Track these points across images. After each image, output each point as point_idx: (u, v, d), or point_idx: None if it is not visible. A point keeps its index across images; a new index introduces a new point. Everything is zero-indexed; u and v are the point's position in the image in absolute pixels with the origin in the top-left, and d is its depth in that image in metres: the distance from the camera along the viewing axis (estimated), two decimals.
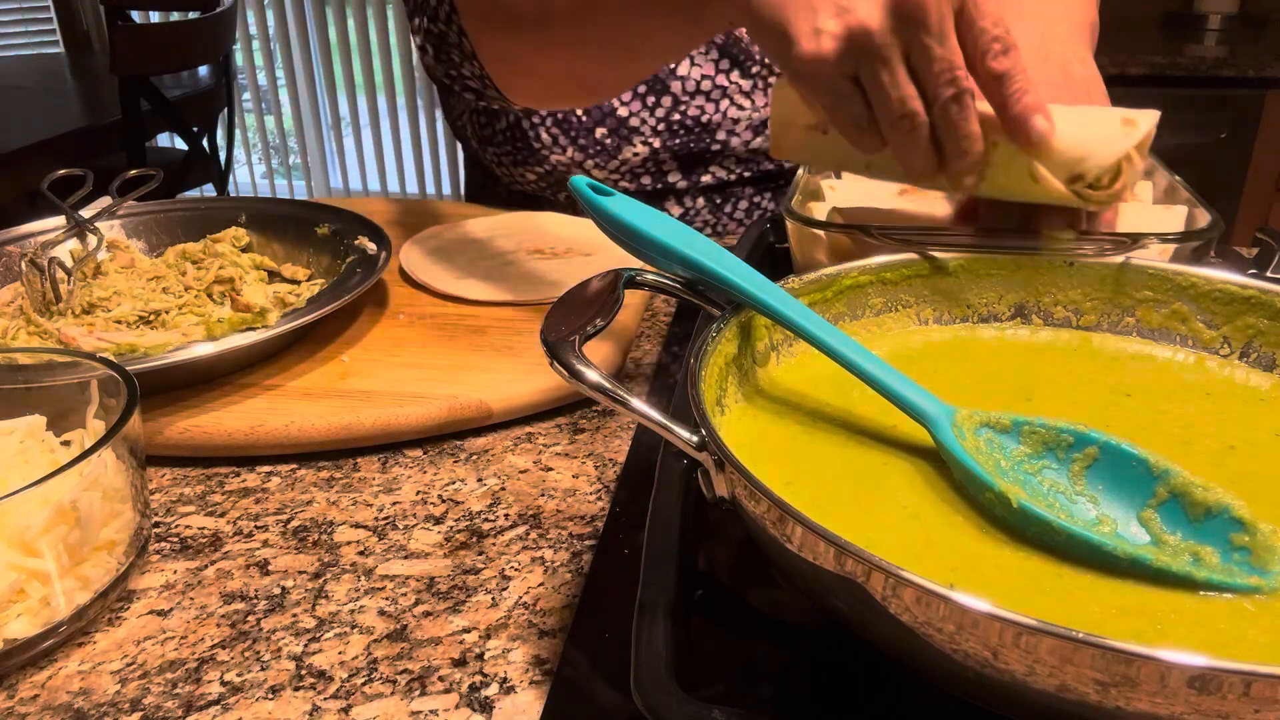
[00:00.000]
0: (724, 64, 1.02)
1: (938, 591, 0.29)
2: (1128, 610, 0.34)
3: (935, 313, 0.55)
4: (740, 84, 1.03)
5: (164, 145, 3.20)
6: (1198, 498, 0.37)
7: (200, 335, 0.69)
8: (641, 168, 1.05)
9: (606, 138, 1.02)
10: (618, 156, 1.03)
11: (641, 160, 1.04)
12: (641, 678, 0.37)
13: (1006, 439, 0.42)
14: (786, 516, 0.33)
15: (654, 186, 1.06)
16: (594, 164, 1.03)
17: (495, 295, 0.81)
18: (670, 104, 1.02)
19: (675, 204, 1.09)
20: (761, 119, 1.05)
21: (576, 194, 0.48)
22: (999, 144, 0.52)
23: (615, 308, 0.45)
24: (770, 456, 0.43)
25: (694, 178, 1.07)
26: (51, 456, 0.53)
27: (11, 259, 0.80)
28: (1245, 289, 0.50)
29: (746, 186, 1.10)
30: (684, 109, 1.02)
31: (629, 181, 1.06)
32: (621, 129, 1.02)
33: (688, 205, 1.09)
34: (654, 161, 1.04)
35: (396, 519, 0.58)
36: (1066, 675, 0.29)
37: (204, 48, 2.42)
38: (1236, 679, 0.27)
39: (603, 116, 1.02)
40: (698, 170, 1.06)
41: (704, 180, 1.07)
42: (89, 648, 0.48)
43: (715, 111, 1.03)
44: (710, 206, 1.09)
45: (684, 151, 1.04)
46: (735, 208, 1.10)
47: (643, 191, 1.07)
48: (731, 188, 1.09)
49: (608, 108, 1.02)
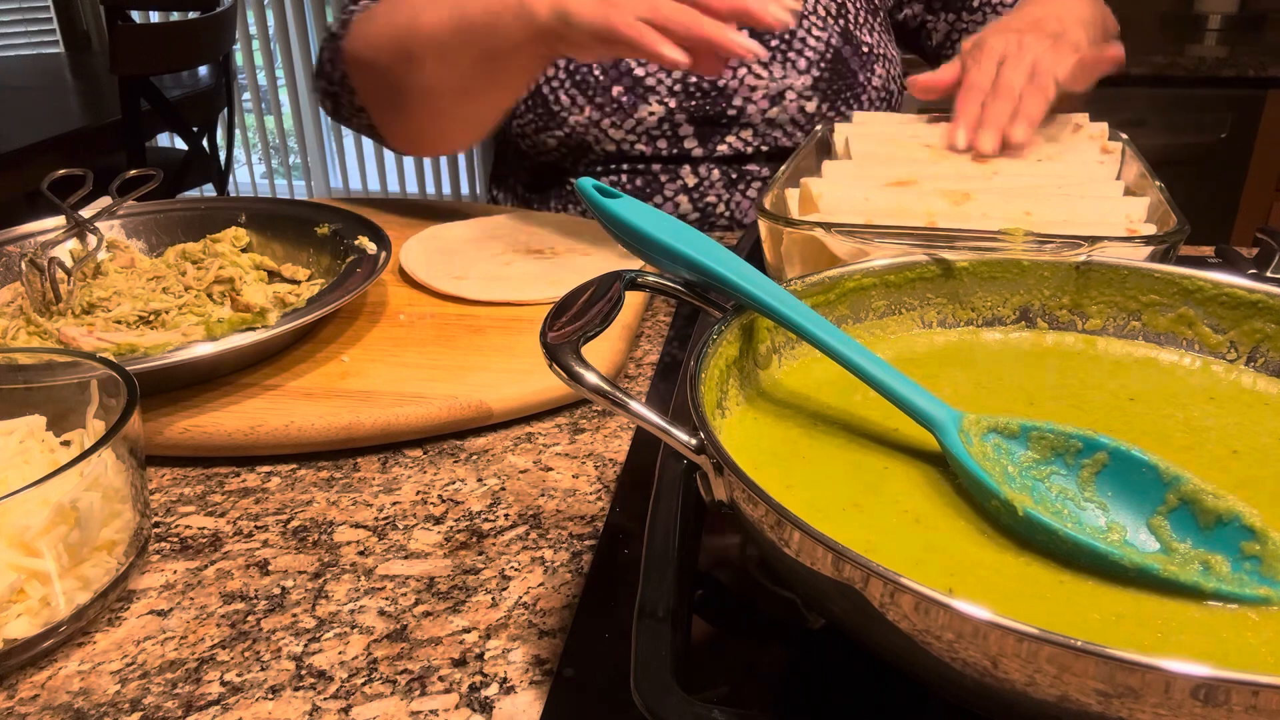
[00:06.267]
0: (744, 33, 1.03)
1: (936, 598, 0.29)
2: (1127, 618, 0.34)
3: (939, 316, 0.54)
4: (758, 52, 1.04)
5: (164, 145, 3.20)
6: (1208, 505, 0.37)
7: (200, 335, 0.69)
8: (657, 129, 1.07)
9: (623, 95, 1.05)
10: (633, 115, 1.06)
11: (657, 121, 1.06)
12: (641, 678, 0.37)
13: (1014, 444, 0.41)
14: (784, 521, 0.33)
15: (670, 151, 1.09)
16: (611, 123, 1.06)
17: (495, 295, 0.81)
18: None
19: (691, 172, 1.10)
20: (779, 89, 1.07)
21: (582, 195, 0.48)
22: None
23: (615, 309, 0.45)
24: (771, 459, 0.43)
25: (710, 145, 1.09)
26: (51, 456, 0.53)
27: (11, 259, 0.80)
28: (1253, 293, 0.50)
29: (764, 165, 1.12)
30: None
31: (645, 144, 1.08)
32: (638, 87, 1.05)
33: (702, 175, 1.11)
34: (670, 123, 1.07)
35: (396, 519, 0.58)
36: (1068, 685, 0.28)
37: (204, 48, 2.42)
38: (1244, 690, 0.26)
39: (619, 75, 1.05)
40: (714, 138, 1.08)
41: (720, 149, 1.09)
42: (89, 648, 0.48)
43: (732, 78, 1.06)
44: (725, 181, 1.11)
45: (700, 114, 1.07)
46: (749, 187, 1.12)
47: (659, 157, 1.09)
48: (749, 161, 1.11)
49: (625, 66, 1.05)
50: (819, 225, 0.62)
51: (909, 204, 0.68)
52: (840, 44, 1.09)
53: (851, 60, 1.09)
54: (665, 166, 1.11)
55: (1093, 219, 0.66)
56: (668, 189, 1.10)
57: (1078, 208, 0.67)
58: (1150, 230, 0.65)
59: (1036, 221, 0.66)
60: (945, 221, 0.66)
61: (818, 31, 1.09)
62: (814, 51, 1.08)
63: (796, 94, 1.08)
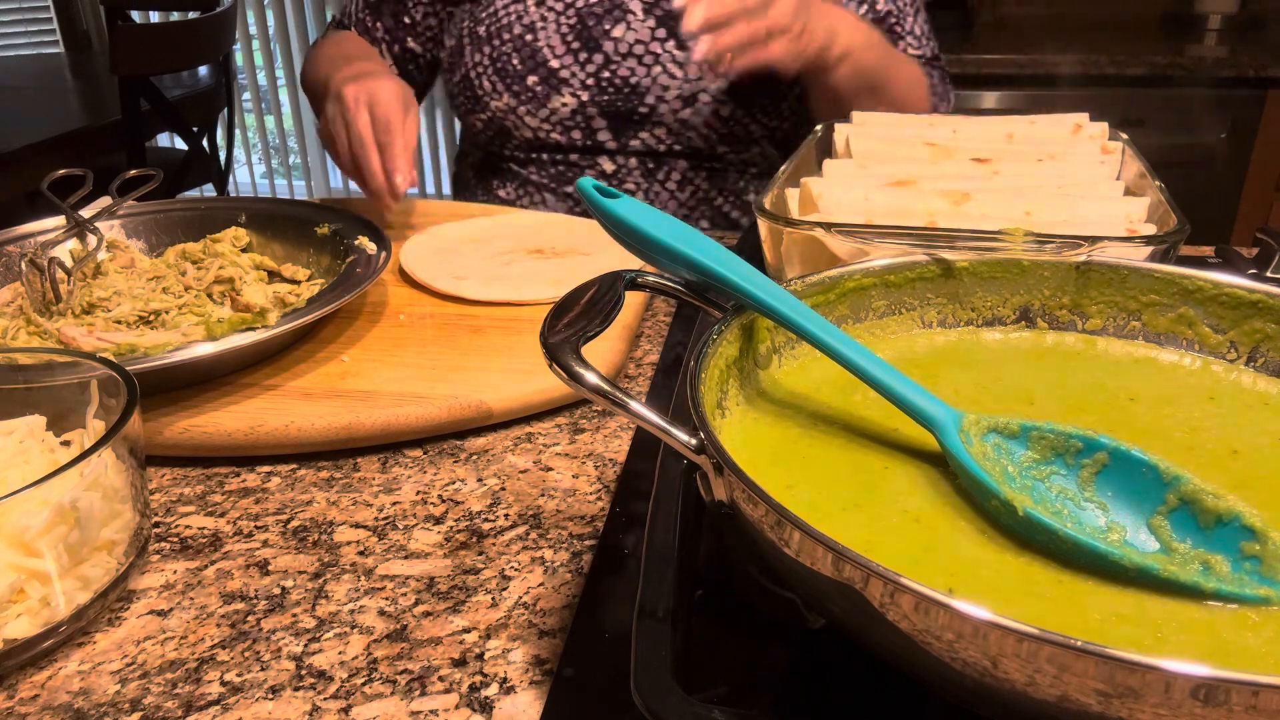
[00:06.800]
0: (661, 32, 1.08)
1: (936, 598, 0.29)
2: (1127, 618, 0.34)
3: (939, 316, 0.54)
4: (675, 54, 1.08)
5: (164, 145, 3.20)
6: (1208, 505, 0.37)
7: (200, 335, 0.69)
8: (571, 120, 1.10)
9: (537, 85, 1.09)
10: (547, 105, 1.09)
11: (570, 112, 1.09)
12: (641, 678, 0.37)
13: (1014, 445, 0.41)
14: (784, 521, 0.33)
15: (584, 143, 1.11)
16: (526, 110, 1.10)
17: (495, 295, 0.81)
18: (601, 61, 1.08)
19: (608, 160, 1.13)
20: (692, 90, 1.08)
21: (582, 195, 0.48)
22: None
23: (615, 309, 0.45)
24: (771, 459, 0.43)
25: (624, 139, 1.11)
26: (51, 456, 0.53)
27: (11, 259, 0.80)
28: (1253, 293, 0.50)
29: (679, 160, 1.13)
30: (614, 68, 1.08)
31: (560, 134, 1.11)
32: (552, 79, 1.09)
33: (620, 163, 1.13)
34: (583, 116, 1.10)
35: (396, 519, 0.58)
36: (1067, 685, 0.28)
37: (204, 48, 2.42)
38: (1244, 690, 0.26)
39: (535, 66, 1.09)
40: (628, 133, 1.11)
41: (633, 144, 1.11)
42: (89, 648, 0.48)
43: (646, 75, 1.08)
44: (643, 170, 1.13)
45: (611, 110, 1.09)
46: (668, 178, 1.13)
47: (574, 147, 1.12)
48: (663, 158, 1.12)
49: (540, 58, 1.08)
50: (819, 225, 0.62)
51: (909, 204, 0.68)
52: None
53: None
54: (583, 155, 1.13)
55: (1093, 219, 0.66)
56: (586, 175, 1.12)
57: (1078, 208, 0.67)
58: (1150, 230, 0.65)
59: (1036, 221, 0.66)
60: (945, 221, 0.66)
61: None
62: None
63: (711, 97, 1.08)
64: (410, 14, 1.20)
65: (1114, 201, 0.69)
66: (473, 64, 1.12)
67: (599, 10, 1.08)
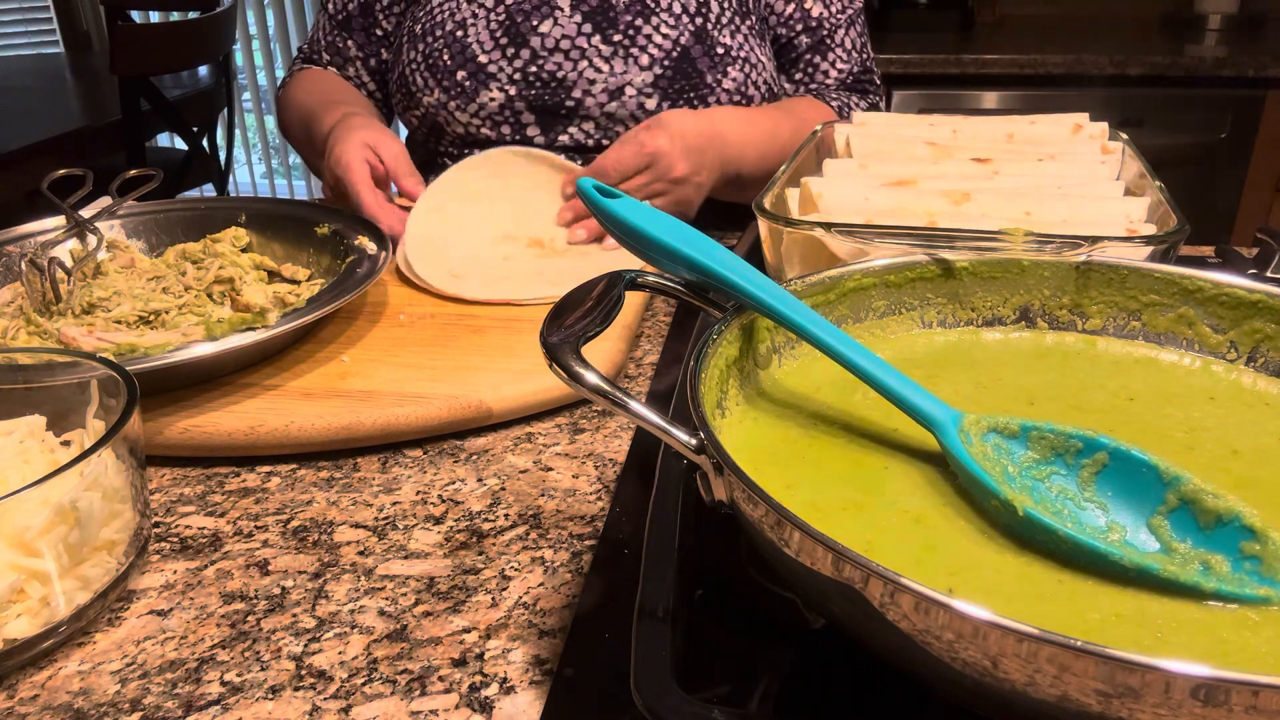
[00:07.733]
0: (587, 28, 1.09)
1: (936, 598, 0.29)
2: (1127, 618, 0.34)
3: (939, 316, 0.54)
4: (600, 48, 1.09)
5: (164, 145, 3.20)
6: (1208, 505, 0.37)
7: (200, 335, 0.69)
8: (500, 115, 1.11)
9: (466, 80, 1.10)
10: (476, 100, 1.10)
11: (498, 107, 1.10)
12: (641, 678, 0.37)
13: (1014, 445, 0.41)
14: (784, 521, 0.33)
15: (514, 138, 1.12)
16: (456, 105, 1.11)
17: (495, 295, 0.81)
18: (529, 56, 1.09)
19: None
20: (618, 84, 1.09)
21: (582, 195, 0.48)
22: None
23: (615, 309, 0.45)
24: (771, 459, 0.43)
25: (552, 135, 1.12)
26: (51, 456, 0.53)
27: (11, 259, 0.80)
28: (1253, 293, 0.50)
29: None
30: (541, 63, 1.09)
31: (490, 129, 1.12)
32: (480, 74, 1.10)
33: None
34: (511, 110, 1.11)
35: (396, 519, 0.58)
36: (1067, 685, 0.28)
37: (204, 48, 2.42)
38: (1244, 690, 0.26)
39: (465, 61, 1.10)
40: (556, 128, 1.11)
41: (562, 139, 1.12)
42: (89, 648, 0.48)
43: (572, 70, 1.09)
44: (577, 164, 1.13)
45: (539, 104, 1.10)
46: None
47: (503, 141, 1.12)
48: (592, 153, 1.12)
49: (470, 53, 1.10)
50: (819, 225, 0.62)
51: (909, 204, 0.68)
52: (691, 43, 1.09)
53: (700, 60, 1.09)
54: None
55: (1093, 219, 0.66)
56: None
57: (1078, 208, 0.67)
58: (1150, 230, 0.65)
59: (1036, 221, 0.66)
60: (945, 221, 0.66)
61: (666, 29, 1.09)
62: (658, 49, 1.08)
63: (636, 90, 1.09)
64: (381, 26, 1.20)
65: (1114, 201, 0.69)
66: (407, 61, 1.13)
67: (527, 7, 1.09)
